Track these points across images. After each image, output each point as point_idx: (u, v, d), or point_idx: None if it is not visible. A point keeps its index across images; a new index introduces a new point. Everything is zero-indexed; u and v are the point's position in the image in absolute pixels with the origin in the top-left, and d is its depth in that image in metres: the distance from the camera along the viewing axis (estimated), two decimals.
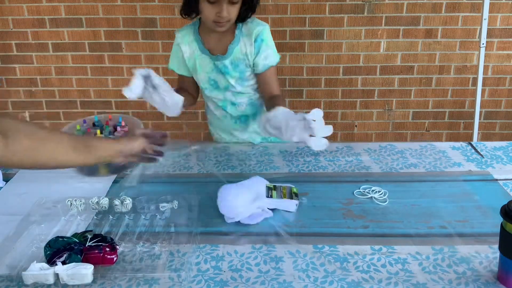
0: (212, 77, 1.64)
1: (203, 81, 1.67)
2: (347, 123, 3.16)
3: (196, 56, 1.62)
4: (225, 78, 1.63)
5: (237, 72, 1.61)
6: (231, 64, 1.60)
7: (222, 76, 1.63)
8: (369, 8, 2.85)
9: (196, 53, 1.62)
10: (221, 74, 1.63)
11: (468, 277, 1.05)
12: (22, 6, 2.88)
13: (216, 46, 1.60)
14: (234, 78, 1.63)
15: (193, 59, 1.63)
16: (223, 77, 1.63)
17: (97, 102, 3.12)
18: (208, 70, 1.63)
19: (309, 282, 1.04)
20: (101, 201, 1.29)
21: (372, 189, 1.39)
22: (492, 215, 1.26)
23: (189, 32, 1.63)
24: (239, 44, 1.58)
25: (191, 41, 1.62)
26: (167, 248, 1.14)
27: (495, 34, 2.90)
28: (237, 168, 1.55)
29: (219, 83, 1.65)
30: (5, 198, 1.39)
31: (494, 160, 1.56)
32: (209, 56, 1.61)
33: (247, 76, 1.64)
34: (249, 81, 1.66)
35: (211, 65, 1.62)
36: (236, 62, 1.60)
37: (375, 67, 3.00)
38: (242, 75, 1.62)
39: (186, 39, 1.62)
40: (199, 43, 1.61)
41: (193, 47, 1.62)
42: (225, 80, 1.63)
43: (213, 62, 1.61)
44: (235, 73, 1.61)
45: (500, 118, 3.14)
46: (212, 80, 1.65)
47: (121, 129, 1.53)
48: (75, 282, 1.02)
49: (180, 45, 1.63)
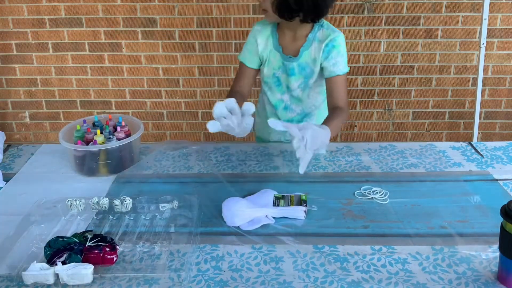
0: (277, 74, 1.64)
1: (267, 75, 1.66)
2: (347, 123, 3.16)
3: (269, 51, 1.62)
4: (289, 79, 1.63)
5: (302, 75, 1.61)
6: (298, 67, 1.60)
7: (286, 76, 1.63)
8: (369, 8, 2.85)
9: (269, 48, 1.62)
10: (286, 74, 1.63)
11: (468, 277, 1.05)
12: (22, 6, 2.88)
13: (289, 46, 1.61)
14: (298, 81, 1.62)
15: (266, 53, 1.63)
16: (287, 78, 1.63)
17: (97, 102, 3.12)
18: (275, 66, 1.63)
19: (309, 282, 1.04)
20: (101, 201, 1.29)
21: (372, 190, 1.39)
22: (492, 215, 1.26)
23: (268, 26, 1.63)
24: (309, 48, 1.58)
25: (268, 36, 1.62)
26: (167, 248, 1.14)
27: (495, 34, 2.90)
28: (237, 168, 1.55)
29: (282, 82, 1.65)
30: (5, 198, 1.39)
31: (494, 160, 1.56)
32: (280, 54, 1.61)
33: (311, 83, 1.63)
34: (310, 90, 1.64)
35: (279, 63, 1.62)
36: (303, 65, 1.60)
37: (375, 67, 3.00)
38: (306, 80, 1.62)
39: (264, 33, 1.63)
40: (274, 39, 1.61)
41: (268, 42, 1.62)
42: (288, 81, 1.63)
43: (283, 61, 1.61)
44: (300, 76, 1.61)
45: (500, 118, 3.15)
46: (275, 77, 1.65)
47: (121, 129, 1.53)
48: (75, 282, 1.02)
49: (257, 37, 1.63)
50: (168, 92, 3.08)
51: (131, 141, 1.49)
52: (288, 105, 1.69)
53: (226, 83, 3.01)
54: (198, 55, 2.98)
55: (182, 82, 3.05)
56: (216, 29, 2.91)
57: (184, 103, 3.09)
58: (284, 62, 1.61)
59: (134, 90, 3.07)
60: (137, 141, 1.54)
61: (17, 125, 3.21)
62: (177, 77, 3.04)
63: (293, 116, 1.70)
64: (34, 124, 3.21)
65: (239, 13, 2.86)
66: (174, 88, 3.06)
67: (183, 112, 3.11)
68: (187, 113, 3.11)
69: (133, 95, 3.09)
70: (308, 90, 1.64)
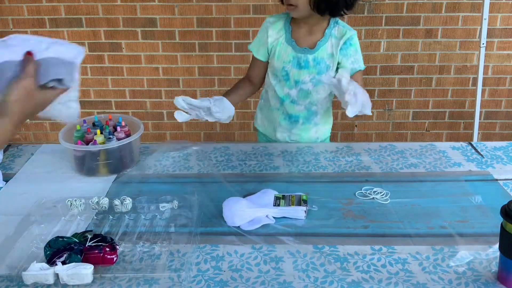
0: (287, 68, 1.64)
1: (275, 69, 1.67)
2: (347, 123, 3.16)
3: (279, 44, 1.63)
4: (300, 73, 1.63)
5: (316, 69, 1.62)
6: (313, 60, 1.61)
7: (297, 70, 1.63)
8: (369, 8, 2.85)
9: (280, 41, 1.63)
10: (297, 68, 1.63)
11: (468, 277, 1.05)
12: (22, 6, 2.88)
13: (303, 39, 1.62)
14: (310, 75, 1.63)
15: (275, 46, 1.64)
16: (299, 71, 1.63)
17: (97, 102, 3.12)
18: (286, 60, 1.63)
19: (309, 282, 1.04)
20: (101, 201, 1.29)
21: (374, 190, 1.39)
22: (492, 215, 1.26)
23: (281, 20, 1.64)
24: (326, 43, 1.60)
25: (280, 29, 1.63)
26: (167, 248, 1.14)
27: (495, 34, 2.90)
28: (237, 168, 1.55)
29: (291, 76, 1.65)
30: (5, 198, 1.39)
31: (494, 160, 1.56)
32: (292, 47, 1.62)
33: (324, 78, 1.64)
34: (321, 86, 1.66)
35: (290, 57, 1.62)
36: (318, 59, 1.61)
37: (375, 67, 3.00)
38: (319, 74, 1.63)
39: (276, 26, 1.64)
40: (287, 33, 1.62)
41: (280, 35, 1.63)
42: (300, 74, 1.63)
43: (296, 53, 1.62)
44: (314, 69, 1.62)
45: (500, 118, 3.15)
46: (284, 71, 1.65)
47: (121, 129, 1.53)
48: (75, 282, 1.02)
49: (268, 29, 1.64)
50: (168, 92, 3.08)
51: (131, 141, 1.49)
52: (296, 100, 1.69)
53: (226, 83, 3.01)
54: (198, 55, 2.98)
55: (182, 82, 3.05)
56: (216, 29, 2.91)
57: None
58: (298, 55, 1.61)
59: (134, 90, 3.07)
60: (137, 141, 1.54)
61: None
62: (177, 77, 3.04)
63: (301, 110, 1.71)
64: (34, 124, 3.21)
65: (239, 13, 2.86)
66: (174, 88, 3.06)
67: None
68: None
69: (133, 95, 3.09)
70: (319, 85, 1.65)
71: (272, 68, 1.68)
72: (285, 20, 1.64)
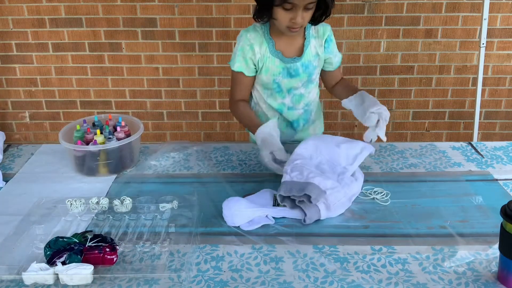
0: (277, 80, 1.61)
1: (265, 83, 1.63)
2: (347, 123, 3.16)
3: (266, 58, 1.58)
4: (292, 81, 1.62)
5: (306, 74, 1.61)
6: (302, 66, 1.60)
7: (288, 79, 1.61)
8: (369, 8, 2.85)
9: (266, 55, 1.58)
10: (288, 78, 1.61)
11: (468, 277, 1.05)
12: (22, 6, 2.88)
13: (288, 48, 1.59)
14: (302, 80, 1.62)
15: (263, 60, 1.59)
16: (290, 80, 1.61)
17: (97, 102, 3.12)
18: (275, 73, 1.60)
19: (309, 282, 1.04)
20: (101, 201, 1.29)
21: (374, 190, 1.39)
22: (492, 215, 1.26)
23: (259, 33, 1.58)
24: (309, 45, 1.59)
25: (261, 42, 1.57)
26: (167, 248, 1.14)
27: (495, 34, 2.90)
28: (237, 168, 1.55)
29: (283, 86, 1.63)
30: (5, 198, 1.39)
31: (494, 160, 1.56)
32: (280, 59, 1.58)
33: (313, 79, 1.66)
34: (313, 84, 1.68)
35: (280, 68, 1.59)
36: (306, 64, 1.60)
37: (375, 67, 3.00)
38: (310, 77, 1.63)
39: (257, 40, 1.57)
40: (269, 45, 1.57)
41: (264, 48, 1.57)
42: (291, 83, 1.62)
43: (285, 64, 1.59)
44: (304, 75, 1.61)
45: (500, 118, 3.14)
46: (275, 83, 1.62)
47: (121, 129, 1.53)
48: (75, 282, 1.02)
49: (253, 45, 1.57)
50: (168, 92, 3.08)
51: (131, 141, 1.49)
52: (291, 106, 1.68)
53: (226, 83, 3.00)
54: (198, 55, 2.98)
55: (182, 82, 3.05)
56: (216, 29, 2.91)
57: (184, 103, 3.09)
58: (287, 65, 1.59)
59: (134, 90, 3.07)
60: (137, 141, 1.54)
61: (17, 125, 3.21)
62: (177, 77, 3.04)
63: (300, 113, 1.71)
64: (34, 124, 3.21)
65: (239, 13, 2.86)
66: (174, 88, 3.06)
67: (183, 112, 3.11)
68: (187, 113, 3.11)
69: (133, 95, 3.09)
70: (311, 84, 1.66)
71: (261, 82, 1.64)
72: (263, 32, 1.58)
